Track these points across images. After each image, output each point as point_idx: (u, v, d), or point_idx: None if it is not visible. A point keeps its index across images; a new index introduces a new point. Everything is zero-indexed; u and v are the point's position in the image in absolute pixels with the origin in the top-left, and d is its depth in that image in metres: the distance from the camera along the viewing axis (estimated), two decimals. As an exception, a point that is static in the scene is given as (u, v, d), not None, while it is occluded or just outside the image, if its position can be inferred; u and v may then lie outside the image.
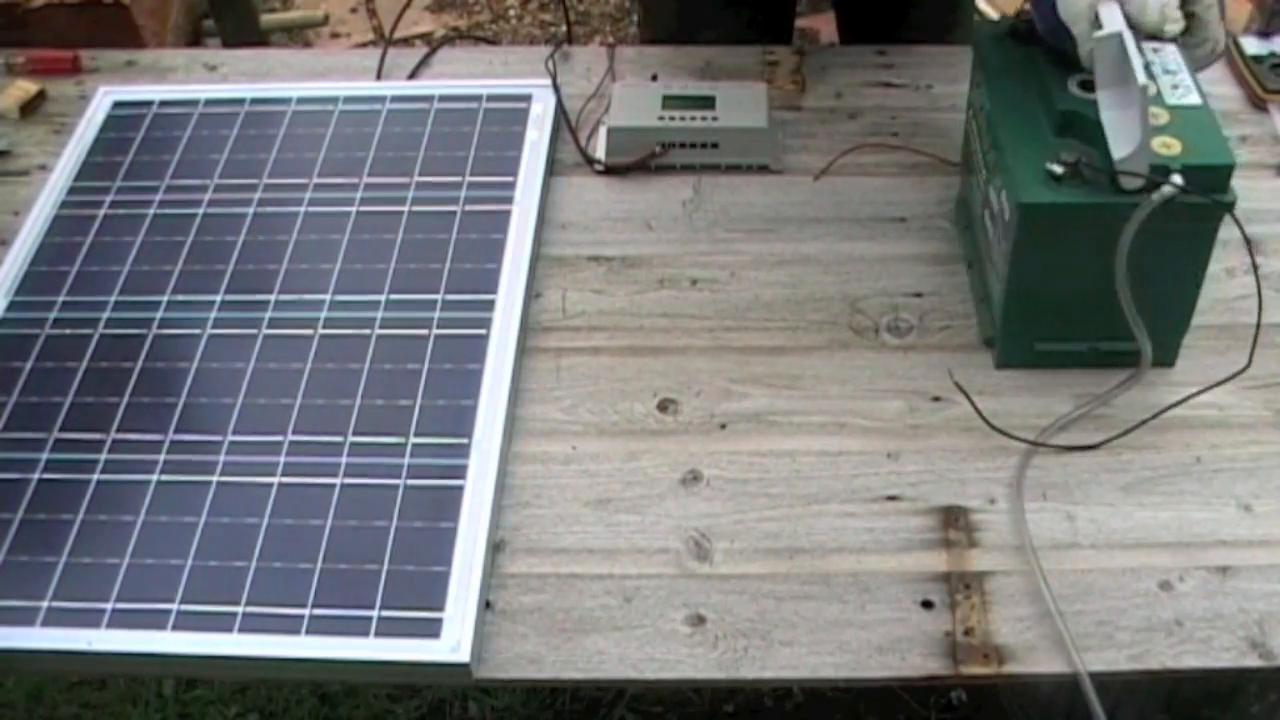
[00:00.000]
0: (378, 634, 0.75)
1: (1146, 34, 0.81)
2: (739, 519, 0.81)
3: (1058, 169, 0.79)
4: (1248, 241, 0.81)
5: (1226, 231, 0.88)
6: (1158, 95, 0.81)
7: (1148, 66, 0.81)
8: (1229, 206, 0.78)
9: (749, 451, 0.85)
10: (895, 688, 1.36)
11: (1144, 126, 0.75)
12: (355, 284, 0.95)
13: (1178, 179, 0.76)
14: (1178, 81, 0.82)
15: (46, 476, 0.84)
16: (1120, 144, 0.77)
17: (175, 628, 0.76)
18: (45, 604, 0.77)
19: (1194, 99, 0.81)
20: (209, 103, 1.11)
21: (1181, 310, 0.86)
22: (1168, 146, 0.78)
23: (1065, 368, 0.88)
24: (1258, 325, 0.85)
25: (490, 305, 0.93)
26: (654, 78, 1.12)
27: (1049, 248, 0.81)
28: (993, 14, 2.03)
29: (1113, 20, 0.79)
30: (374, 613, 0.75)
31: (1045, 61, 0.85)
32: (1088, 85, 0.82)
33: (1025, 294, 0.85)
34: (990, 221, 0.88)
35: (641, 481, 0.84)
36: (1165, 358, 0.87)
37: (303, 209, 1.01)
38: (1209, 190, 0.77)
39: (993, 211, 0.87)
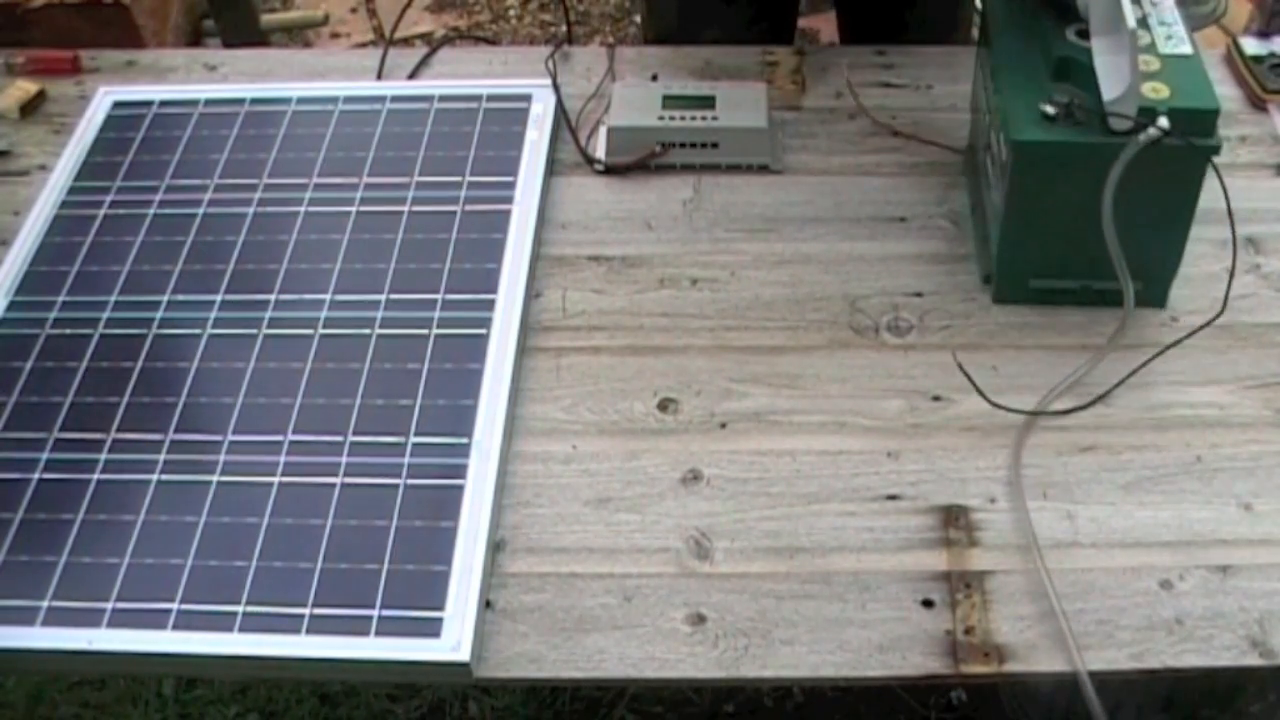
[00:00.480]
0: (378, 633, 0.75)
1: None
2: (739, 518, 0.81)
3: (1051, 110, 0.83)
4: (1234, 241, 0.82)
5: (1226, 231, 0.88)
6: (1151, 44, 0.85)
7: (1144, 18, 0.86)
8: (1213, 150, 0.81)
9: (749, 451, 0.85)
10: (895, 688, 1.36)
11: (1133, 70, 0.79)
12: (355, 284, 0.95)
13: (1164, 122, 0.80)
14: (1171, 33, 0.87)
15: (46, 476, 0.84)
16: (1111, 86, 0.81)
17: (175, 627, 0.76)
18: (45, 604, 0.77)
19: (1186, 49, 0.85)
20: (209, 103, 1.11)
21: (1169, 252, 0.89)
22: (1156, 91, 0.81)
23: (1059, 305, 0.91)
24: (1231, 273, 0.90)
25: (490, 305, 0.93)
26: (654, 78, 1.12)
27: (1042, 186, 0.85)
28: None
29: None
30: (374, 612, 0.75)
31: (1046, 11, 0.89)
32: (1084, 34, 0.85)
33: (1020, 231, 0.88)
34: (990, 164, 0.91)
35: (642, 481, 0.84)
36: (1154, 299, 0.91)
37: (303, 209, 1.01)
38: (1194, 134, 0.81)
39: (993, 154, 0.90)
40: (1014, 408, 0.85)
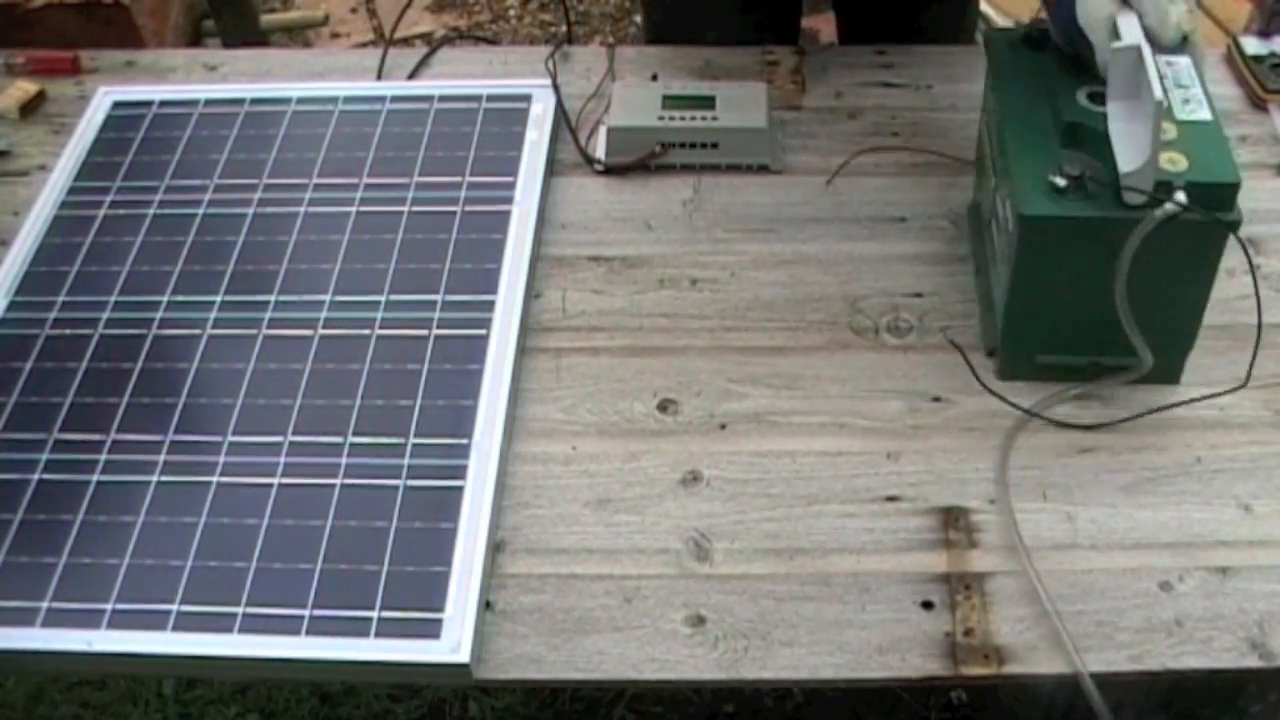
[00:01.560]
0: (378, 635, 0.75)
1: (1163, 47, 0.81)
2: (739, 519, 0.81)
3: (1061, 181, 0.78)
4: (1245, 248, 0.81)
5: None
6: (1167, 109, 0.79)
7: (1159, 79, 0.80)
8: (1233, 226, 0.77)
9: (749, 452, 0.85)
10: (895, 688, 1.36)
11: (1154, 142, 0.74)
12: (355, 284, 0.95)
13: (1181, 196, 0.75)
14: (1189, 96, 0.81)
15: (46, 477, 0.84)
16: (1127, 157, 0.76)
17: (175, 628, 0.76)
18: (45, 605, 0.77)
19: (1204, 114, 0.80)
20: (209, 103, 1.11)
21: (1186, 327, 0.84)
22: (1174, 161, 0.76)
23: (1068, 381, 0.87)
24: (1258, 338, 0.84)
25: (490, 305, 0.93)
26: (654, 78, 1.12)
27: (1051, 260, 0.80)
28: (998, 19, 2.02)
29: (1131, 32, 0.78)
30: (374, 613, 0.75)
31: (1057, 70, 0.85)
32: (1096, 97, 0.81)
33: (1027, 306, 0.84)
34: (996, 229, 0.87)
35: (641, 482, 0.84)
36: (1169, 375, 0.86)
37: (303, 209, 1.01)
38: (1214, 207, 0.76)
39: (999, 220, 0.86)
40: (1010, 416, 0.85)
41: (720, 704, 1.50)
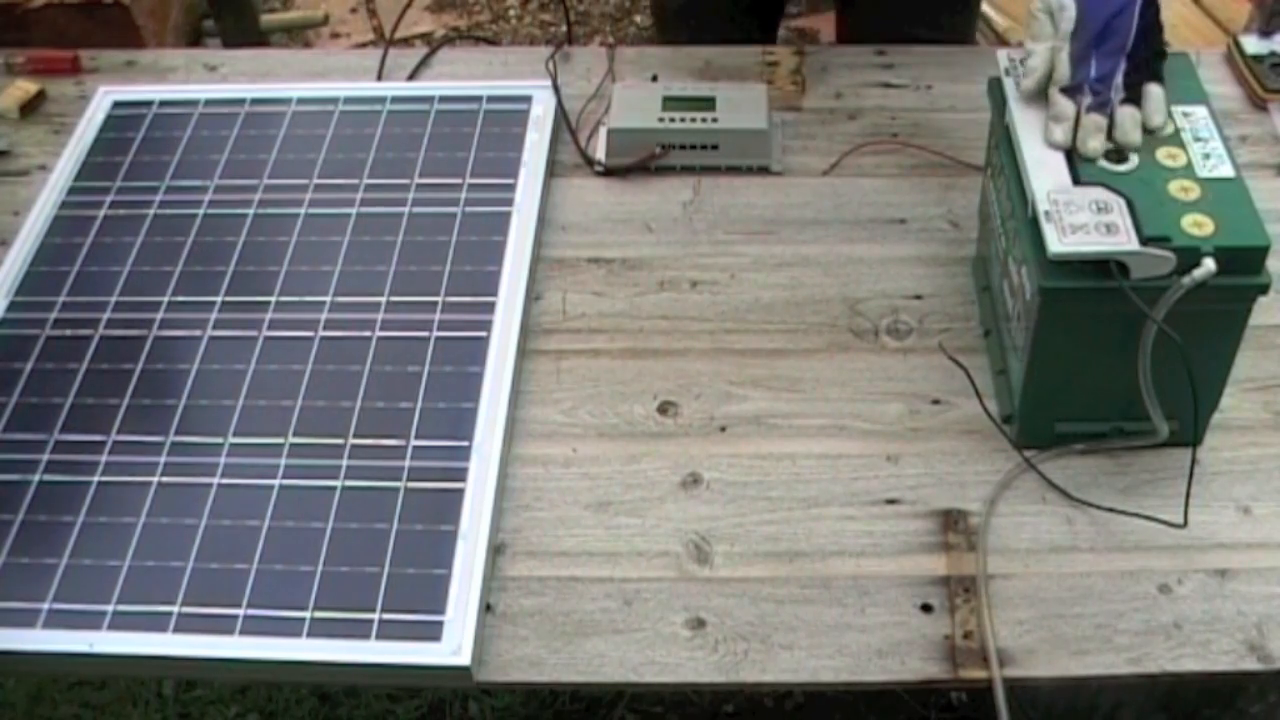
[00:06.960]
0: (379, 637, 0.75)
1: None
2: (739, 522, 0.81)
3: None
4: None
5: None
6: (1188, 166, 0.77)
7: (1176, 133, 0.78)
8: (1262, 289, 0.74)
9: (749, 454, 0.85)
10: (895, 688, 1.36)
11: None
12: (356, 286, 0.95)
13: (1210, 264, 0.71)
14: (1209, 150, 0.78)
15: (47, 478, 0.84)
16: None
17: (176, 630, 0.76)
18: (46, 606, 0.77)
19: (1226, 170, 0.77)
20: (209, 103, 1.11)
21: (1210, 391, 0.81)
22: (1199, 225, 0.73)
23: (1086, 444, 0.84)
24: None
25: (491, 307, 0.93)
26: (654, 78, 1.12)
27: (1071, 331, 0.77)
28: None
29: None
30: (375, 616, 0.76)
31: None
32: (1113, 155, 0.78)
33: (1046, 376, 0.80)
34: (1009, 294, 0.83)
35: (641, 484, 0.84)
36: (1191, 438, 0.82)
37: (303, 210, 1.01)
38: (1242, 272, 0.73)
39: (1012, 284, 0.82)
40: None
41: (720, 704, 1.50)
